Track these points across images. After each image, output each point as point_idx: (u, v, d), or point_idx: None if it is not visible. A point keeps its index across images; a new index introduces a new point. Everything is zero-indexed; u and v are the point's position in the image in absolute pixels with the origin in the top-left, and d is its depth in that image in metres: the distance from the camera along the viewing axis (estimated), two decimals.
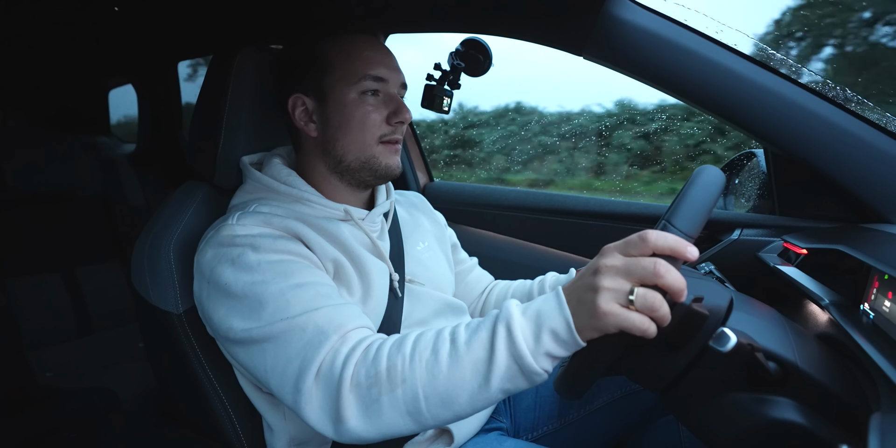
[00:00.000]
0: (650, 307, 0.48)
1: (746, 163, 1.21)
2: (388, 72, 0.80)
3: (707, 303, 0.56)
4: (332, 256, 0.74)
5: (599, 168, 3.25)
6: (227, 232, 0.70)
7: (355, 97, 0.78)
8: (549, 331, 0.52)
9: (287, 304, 0.64)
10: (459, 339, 0.56)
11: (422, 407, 0.55)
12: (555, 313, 0.52)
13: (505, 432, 0.92)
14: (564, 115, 3.20)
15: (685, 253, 0.49)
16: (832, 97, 0.86)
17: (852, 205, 0.89)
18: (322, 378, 0.59)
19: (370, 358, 0.58)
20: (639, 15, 0.87)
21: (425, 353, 0.56)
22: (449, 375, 0.54)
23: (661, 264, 0.48)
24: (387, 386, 0.56)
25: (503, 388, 0.54)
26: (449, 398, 0.55)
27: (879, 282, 0.65)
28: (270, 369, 0.62)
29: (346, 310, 0.66)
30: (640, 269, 0.48)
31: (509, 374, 0.53)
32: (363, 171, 0.81)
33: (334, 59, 0.79)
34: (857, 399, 0.54)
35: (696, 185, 0.56)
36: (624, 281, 0.49)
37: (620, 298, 0.49)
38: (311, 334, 0.61)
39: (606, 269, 0.50)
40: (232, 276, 0.67)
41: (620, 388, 0.93)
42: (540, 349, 0.52)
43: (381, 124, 0.80)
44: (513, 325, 0.53)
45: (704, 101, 0.90)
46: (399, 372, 0.56)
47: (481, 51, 1.14)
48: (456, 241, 1.06)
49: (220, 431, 0.81)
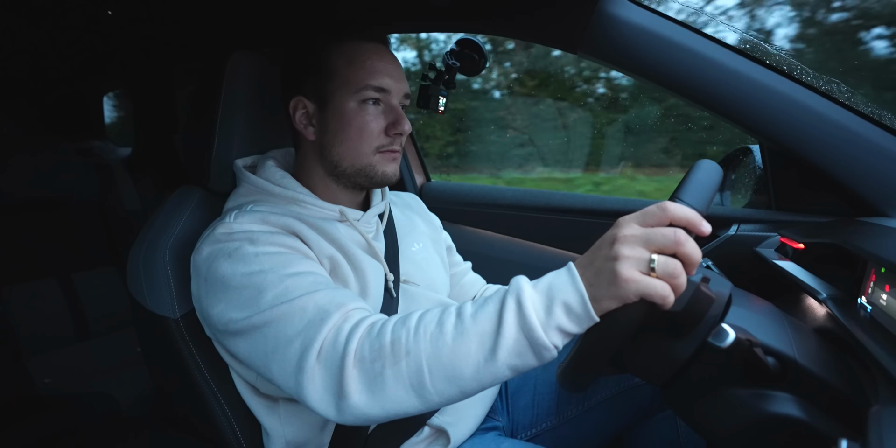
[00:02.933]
0: (671, 273, 0.49)
1: (742, 158, 1.21)
2: (390, 82, 0.78)
3: (712, 288, 0.56)
4: (328, 254, 0.74)
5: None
6: (223, 229, 0.70)
7: (355, 106, 0.78)
8: (562, 304, 0.51)
9: (287, 289, 0.63)
10: (466, 313, 0.55)
11: (426, 380, 0.54)
12: (567, 286, 0.51)
13: (502, 431, 0.92)
14: None
15: (700, 225, 0.49)
16: (826, 91, 0.86)
17: (848, 199, 0.89)
18: (325, 355, 0.58)
19: (374, 332, 0.57)
20: (633, 12, 0.88)
21: (430, 326, 0.55)
22: (454, 348, 0.53)
23: (680, 232, 0.49)
24: (391, 359, 0.55)
25: (510, 363, 0.53)
26: (454, 371, 0.54)
27: (876, 275, 0.65)
28: (272, 352, 0.61)
29: (345, 292, 0.66)
30: (660, 237, 0.49)
31: (518, 347, 0.52)
32: (359, 176, 0.81)
33: (337, 66, 0.78)
34: (855, 392, 0.54)
35: (699, 170, 0.56)
36: (644, 249, 0.49)
37: (642, 266, 0.49)
38: (312, 313, 0.61)
39: (626, 239, 0.50)
40: (230, 269, 0.67)
41: (618, 383, 0.94)
42: (551, 322, 0.51)
43: (379, 135, 0.79)
44: (523, 297, 0.52)
45: (700, 97, 0.90)
46: (403, 344, 0.55)
47: (476, 50, 1.14)
48: (451, 243, 1.06)
49: (220, 435, 0.81)
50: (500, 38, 3.38)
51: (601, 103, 3.63)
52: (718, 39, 0.88)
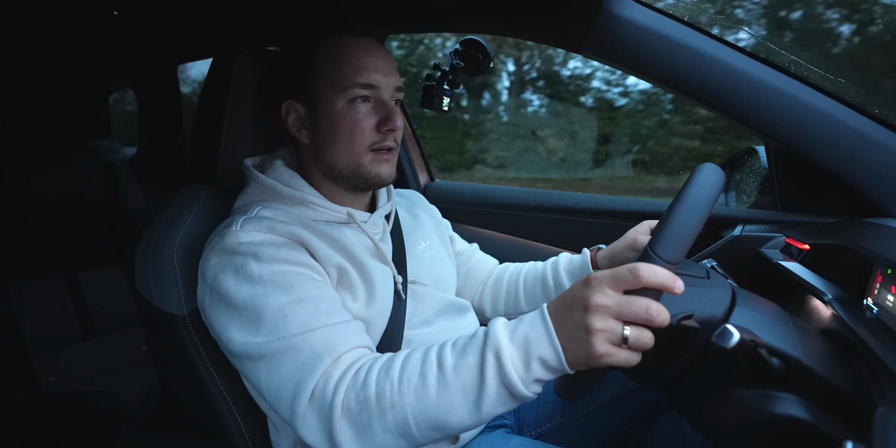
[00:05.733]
0: (643, 346, 0.50)
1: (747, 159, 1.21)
2: (379, 77, 0.76)
3: (703, 311, 0.56)
4: (336, 263, 0.74)
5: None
6: (230, 239, 0.70)
7: (343, 105, 0.76)
8: (539, 359, 0.53)
9: (286, 320, 0.64)
10: (447, 364, 0.56)
11: (413, 431, 0.57)
12: (543, 341, 0.53)
13: (509, 429, 0.93)
14: None
15: (674, 288, 0.50)
16: (832, 91, 0.86)
17: (854, 199, 0.89)
18: (315, 402, 0.60)
19: (359, 383, 0.58)
20: (638, 12, 0.87)
21: (413, 377, 0.57)
22: (438, 401, 0.55)
23: (651, 308, 0.49)
24: (377, 411, 0.57)
25: (493, 411, 0.56)
26: (439, 422, 0.56)
27: (882, 276, 0.65)
28: (266, 387, 0.63)
29: (343, 329, 0.66)
30: (631, 312, 0.50)
31: (500, 399, 0.55)
32: (355, 177, 0.80)
33: (322, 66, 0.77)
34: (861, 394, 0.54)
35: (686, 201, 0.54)
36: (616, 322, 0.50)
37: (614, 339, 0.50)
38: (306, 356, 0.62)
39: (598, 309, 0.50)
40: (234, 286, 0.67)
41: (623, 384, 0.94)
42: (530, 376, 0.54)
43: (371, 132, 0.77)
44: (502, 353, 0.54)
45: (705, 97, 0.89)
46: (388, 397, 0.56)
47: (480, 50, 1.14)
48: (452, 232, 1.06)
49: (225, 433, 0.81)
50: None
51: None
52: (724, 39, 0.88)
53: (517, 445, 0.81)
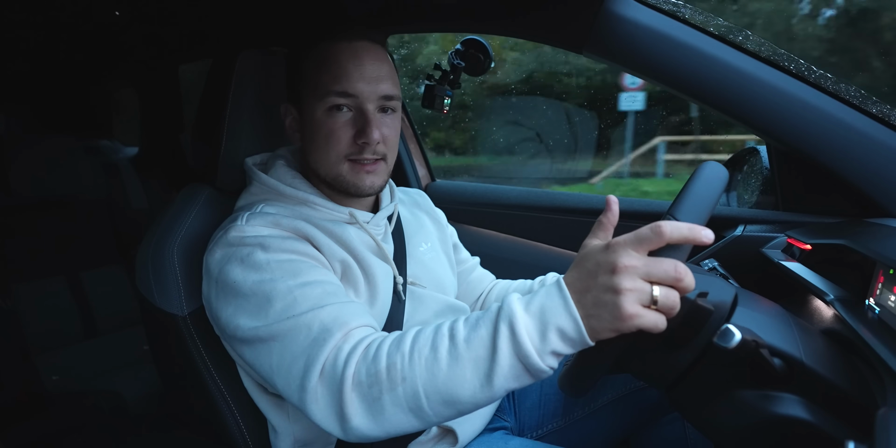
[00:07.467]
0: (672, 307, 0.49)
1: (749, 159, 1.21)
2: (361, 85, 0.73)
3: (711, 298, 0.56)
4: (340, 257, 0.74)
5: None
6: (235, 232, 0.70)
7: (322, 113, 0.75)
8: (556, 329, 0.51)
9: (294, 301, 0.64)
10: (458, 336, 0.55)
11: (423, 404, 0.55)
12: (560, 310, 0.51)
13: (509, 431, 0.92)
14: None
15: (701, 238, 0.49)
16: (834, 91, 0.85)
17: (856, 199, 0.89)
18: (326, 376, 0.59)
19: (370, 356, 0.57)
20: (638, 11, 0.87)
21: (424, 350, 0.55)
22: (449, 374, 0.54)
23: (680, 266, 0.48)
24: (387, 385, 0.55)
25: (507, 386, 0.54)
26: (450, 396, 0.54)
27: (884, 276, 0.64)
28: (276, 367, 0.62)
29: (351, 307, 0.66)
30: (661, 271, 0.48)
31: (513, 372, 0.52)
32: (336, 185, 0.79)
33: (308, 70, 0.76)
34: (863, 394, 0.54)
35: (699, 180, 0.56)
36: (645, 282, 0.49)
37: (644, 299, 0.49)
38: (316, 332, 0.61)
39: (627, 270, 0.48)
40: (241, 275, 0.67)
41: (625, 385, 0.93)
42: (546, 348, 0.51)
43: (347, 143, 0.75)
44: (516, 323, 0.52)
45: (707, 97, 0.89)
46: (398, 370, 0.55)
47: (481, 50, 1.14)
48: (457, 240, 1.06)
49: (226, 433, 0.81)
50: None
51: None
52: (725, 39, 0.87)
53: (517, 446, 0.81)
